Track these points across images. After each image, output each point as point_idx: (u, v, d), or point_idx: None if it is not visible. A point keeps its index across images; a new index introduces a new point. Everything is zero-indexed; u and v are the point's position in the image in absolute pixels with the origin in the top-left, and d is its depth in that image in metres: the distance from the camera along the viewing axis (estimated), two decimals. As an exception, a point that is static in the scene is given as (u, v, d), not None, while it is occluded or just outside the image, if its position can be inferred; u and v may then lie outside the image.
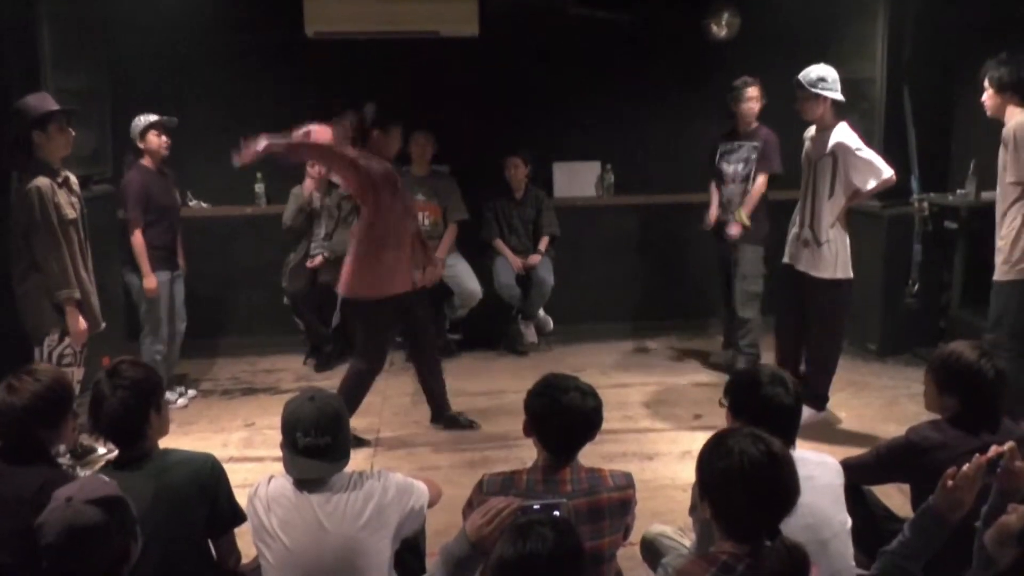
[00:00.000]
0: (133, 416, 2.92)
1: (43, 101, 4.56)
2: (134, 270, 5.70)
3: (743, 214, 5.95)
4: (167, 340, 5.79)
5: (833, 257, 5.20)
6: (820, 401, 5.43)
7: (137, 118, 5.70)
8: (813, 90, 5.12)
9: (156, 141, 5.68)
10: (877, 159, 5.11)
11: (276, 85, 6.85)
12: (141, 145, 5.69)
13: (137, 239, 5.63)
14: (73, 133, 4.68)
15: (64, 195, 4.54)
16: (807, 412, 5.27)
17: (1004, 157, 4.67)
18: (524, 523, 2.15)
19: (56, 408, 3.00)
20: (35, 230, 4.44)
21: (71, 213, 4.54)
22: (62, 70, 5.69)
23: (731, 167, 6.11)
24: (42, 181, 4.43)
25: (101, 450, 4.84)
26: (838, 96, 5.16)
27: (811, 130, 5.35)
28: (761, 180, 5.97)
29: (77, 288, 4.53)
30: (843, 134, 5.14)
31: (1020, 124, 4.61)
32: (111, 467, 2.93)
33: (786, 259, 5.48)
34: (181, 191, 6.48)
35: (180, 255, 5.97)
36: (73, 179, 4.69)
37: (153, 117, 5.67)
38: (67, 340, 4.55)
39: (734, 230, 5.97)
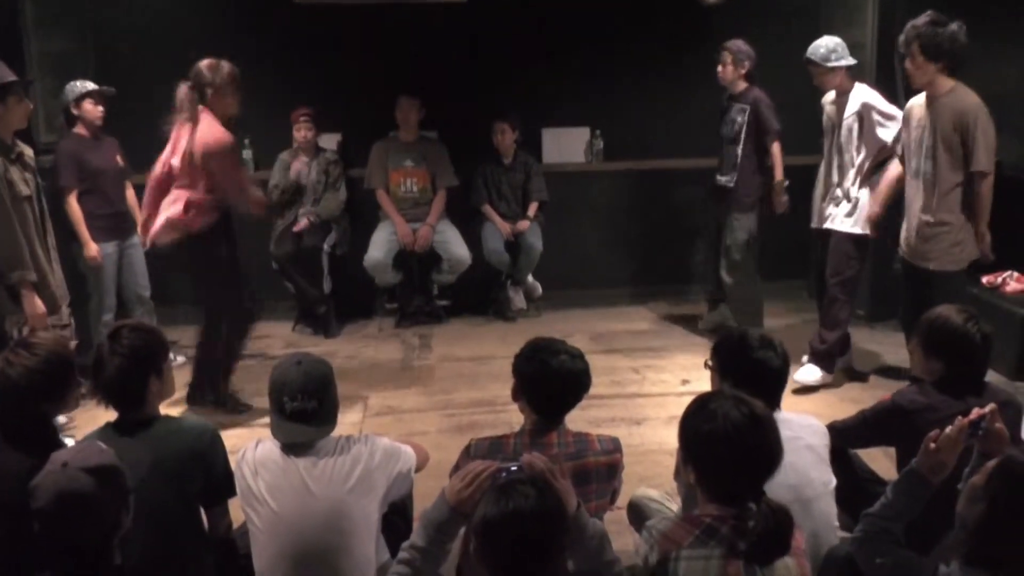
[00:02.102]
0: (131, 382, 2.91)
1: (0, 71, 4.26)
2: (76, 239, 5.54)
3: (781, 180, 5.91)
4: (115, 310, 5.71)
5: (860, 213, 5.26)
6: (830, 363, 5.43)
7: (72, 83, 5.54)
8: (828, 65, 5.19)
9: (92, 110, 5.52)
10: (899, 113, 5.14)
11: (263, 50, 6.78)
12: (75, 112, 5.53)
13: (72, 206, 5.48)
14: (31, 106, 4.44)
15: (17, 171, 4.27)
16: (818, 374, 5.30)
17: (951, 138, 4.49)
18: (506, 482, 2.17)
19: (56, 382, 2.95)
20: None
21: (25, 190, 4.26)
22: (44, 34, 5.62)
23: (724, 128, 6.10)
24: None
25: (61, 419, 4.66)
26: (851, 61, 5.26)
27: (830, 95, 5.40)
28: (775, 147, 5.88)
29: (32, 270, 4.27)
30: (866, 94, 5.23)
31: (979, 106, 4.50)
32: (111, 431, 2.91)
33: (815, 224, 5.50)
34: (149, 157, 6.38)
35: (139, 223, 5.76)
36: (28, 153, 4.40)
37: (90, 85, 5.52)
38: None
39: (781, 200, 5.97)
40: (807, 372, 5.37)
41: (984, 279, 5.76)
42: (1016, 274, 5.68)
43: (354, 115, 7.00)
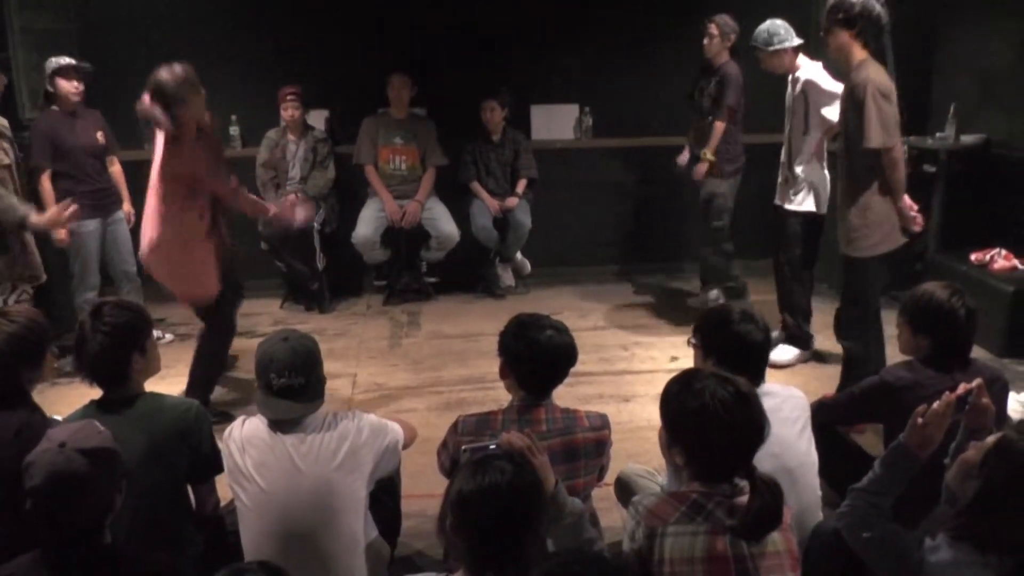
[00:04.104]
0: (113, 359, 2.92)
1: None
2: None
3: (708, 152, 5.94)
4: (98, 288, 5.62)
5: (807, 191, 5.22)
6: (804, 340, 5.45)
7: (49, 60, 5.37)
8: (771, 48, 5.15)
9: (66, 86, 5.34)
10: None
11: (249, 27, 6.74)
12: (51, 89, 5.37)
13: (44, 185, 5.32)
14: (5, 80, 4.44)
15: None
16: (793, 353, 5.32)
17: (849, 114, 4.28)
18: (482, 458, 2.16)
19: (35, 347, 2.99)
20: None
21: (4, 158, 4.30)
22: (29, 9, 5.56)
23: (699, 101, 6.09)
24: None
25: None
26: (795, 43, 5.18)
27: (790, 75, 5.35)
28: (719, 123, 5.88)
29: (26, 213, 4.26)
30: (811, 71, 5.16)
31: (878, 81, 4.20)
32: (95, 408, 2.91)
33: (776, 200, 5.47)
34: (138, 135, 6.33)
35: (126, 198, 5.78)
36: (4, 123, 4.43)
37: (64, 60, 5.34)
38: (20, 288, 4.40)
39: (701, 168, 5.99)
40: (782, 352, 5.39)
41: (972, 256, 5.78)
42: (1004, 251, 5.69)
43: (342, 91, 6.96)
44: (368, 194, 6.84)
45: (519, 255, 7.07)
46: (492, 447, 2.43)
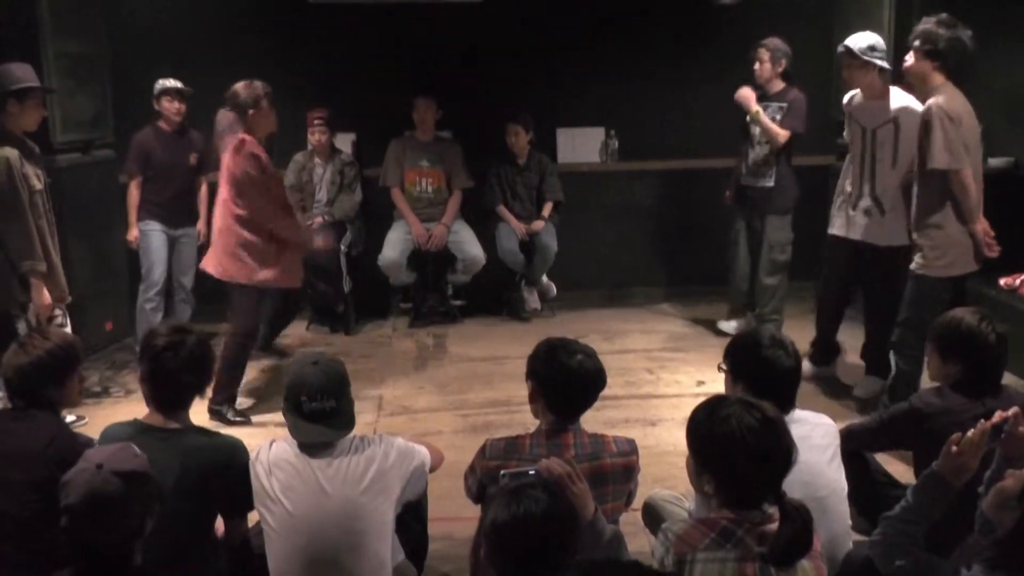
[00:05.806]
0: (183, 392, 3.01)
1: (26, 73, 4.54)
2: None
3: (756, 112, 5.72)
4: (159, 287, 5.98)
5: (900, 225, 4.97)
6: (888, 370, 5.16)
7: (159, 81, 5.93)
8: (864, 58, 4.90)
9: (167, 106, 5.93)
10: None
11: (278, 50, 6.80)
12: (157, 107, 5.95)
13: (130, 191, 6.00)
14: (46, 112, 4.73)
15: (31, 167, 4.45)
16: (881, 383, 5.04)
17: (921, 136, 4.38)
18: (517, 486, 2.16)
19: (64, 366, 3.07)
20: (1, 201, 4.34)
21: (37, 184, 4.45)
22: (61, 34, 5.66)
23: (757, 129, 5.87)
24: (10, 152, 4.34)
25: (71, 417, 4.75)
26: (887, 65, 4.97)
27: (856, 97, 5.13)
28: (785, 131, 5.71)
29: (43, 261, 4.43)
30: (904, 99, 4.93)
31: (948, 106, 4.30)
32: (141, 431, 2.92)
33: (837, 231, 5.28)
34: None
35: (202, 217, 6.11)
36: (36, 150, 4.60)
37: (171, 83, 5.91)
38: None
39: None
40: (871, 384, 5.22)
41: (1002, 281, 5.73)
42: (1034, 276, 5.64)
43: (368, 115, 7.01)
44: (394, 217, 6.87)
45: (545, 278, 7.07)
46: (531, 472, 2.42)
